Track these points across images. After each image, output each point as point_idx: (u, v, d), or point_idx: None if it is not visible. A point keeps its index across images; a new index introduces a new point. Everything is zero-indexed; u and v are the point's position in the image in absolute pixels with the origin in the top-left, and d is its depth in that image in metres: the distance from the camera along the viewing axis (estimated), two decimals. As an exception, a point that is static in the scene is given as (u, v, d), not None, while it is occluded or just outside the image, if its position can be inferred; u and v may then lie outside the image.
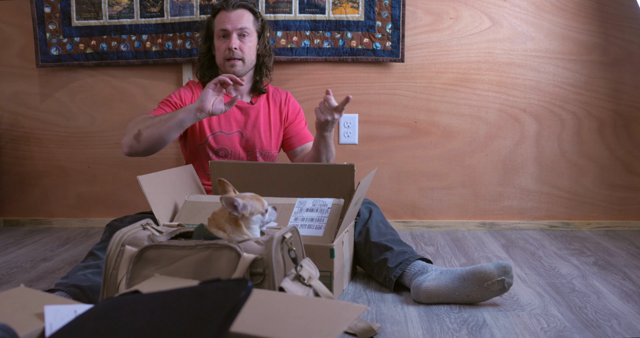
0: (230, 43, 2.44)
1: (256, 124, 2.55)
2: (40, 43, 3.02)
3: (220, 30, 2.48)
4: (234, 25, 2.45)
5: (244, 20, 2.47)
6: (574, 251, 2.60)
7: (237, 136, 2.53)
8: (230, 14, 2.47)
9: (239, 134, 2.53)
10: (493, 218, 3.08)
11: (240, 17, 2.47)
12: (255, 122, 2.55)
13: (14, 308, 1.26)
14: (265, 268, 1.50)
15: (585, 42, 2.95)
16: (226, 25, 2.46)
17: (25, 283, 2.19)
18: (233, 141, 2.53)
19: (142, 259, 1.56)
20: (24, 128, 3.17)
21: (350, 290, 2.08)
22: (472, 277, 1.87)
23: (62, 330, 1.11)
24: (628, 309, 1.86)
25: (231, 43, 2.43)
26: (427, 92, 3.01)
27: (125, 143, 2.26)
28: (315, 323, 1.17)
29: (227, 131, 2.52)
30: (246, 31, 2.47)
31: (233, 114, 2.54)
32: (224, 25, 2.46)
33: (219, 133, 2.51)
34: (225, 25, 2.46)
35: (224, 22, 2.47)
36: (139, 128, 2.23)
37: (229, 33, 2.45)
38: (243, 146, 2.54)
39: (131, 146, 2.25)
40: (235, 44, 2.43)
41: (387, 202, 3.07)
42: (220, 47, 2.48)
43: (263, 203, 1.67)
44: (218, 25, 2.49)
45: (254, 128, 2.54)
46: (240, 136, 2.53)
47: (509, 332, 1.68)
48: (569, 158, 3.02)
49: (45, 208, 3.23)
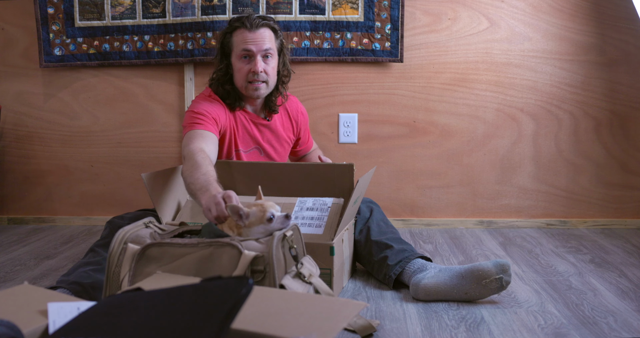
0: (256, 67, 2.30)
1: (272, 140, 2.49)
2: (44, 43, 3.04)
3: (243, 50, 2.32)
4: (258, 46, 2.31)
5: (267, 40, 2.33)
6: (571, 249, 2.61)
7: (256, 153, 2.46)
8: (253, 35, 2.32)
9: (257, 150, 2.46)
10: (491, 217, 3.09)
11: (264, 37, 2.33)
12: (271, 138, 2.49)
13: (17, 306, 1.26)
14: (266, 265, 1.51)
15: (581, 42, 2.96)
16: (250, 46, 2.31)
17: (29, 280, 2.19)
18: (251, 158, 2.45)
19: (144, 257, 1.57)
20: (28, 127, 3.18)
21: (350, 287, 2.09)
22: (470, 275, 1.88)
23: (66, 327, 1.11)
24: (624, 306, 1.88)
25: (257, 67, 2.30)
26: (425, 92, 3.03)
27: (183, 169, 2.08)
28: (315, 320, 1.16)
29: (245, 148, 2.43)
30: (270, 52, 2.34)
31: (251, 131, 2.44)
32: (247, 45, 2.31)
33: (240, 151, 2.42)
34: (248, 46, 2.31)
35: (247, 42, 2.32)
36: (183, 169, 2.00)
37: (253, 54, 2.31)
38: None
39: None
40: (260, 67, 2.30)
41: (386, 201, 3.08)
42: (243, 69, 2.33)
43: (265, 213, 1.63)
44: (239, 45, 2.33)
45: (271, 143, 2.48)
46: (259, 152, 2.47)
47: (507, 329, 1.69)
48: (565, 157, 3.03)
49: (48, 207, 3.24)
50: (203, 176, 1.89)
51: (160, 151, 3.13)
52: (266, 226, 1.64)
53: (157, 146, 3.13)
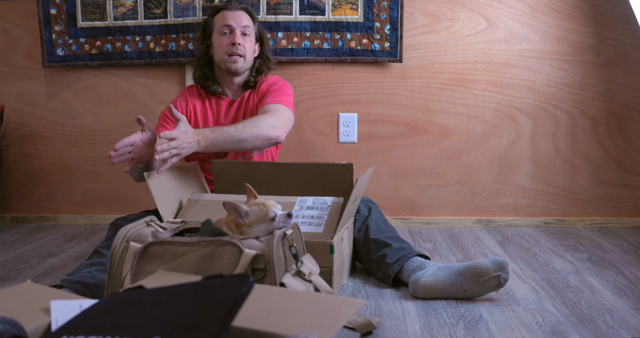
0: (235, 38, 2.44)
1: (241, 116, 2.51)
2: (47, 44, 3.05)
3: (223, 25, 2.48)
4: (238, 22, 2.47)
5: (245, 20, 2.50)
6: (569, 248, 2.61)
7: None
8: (233, 13, 2.49)
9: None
10: (489, 215, 3.10)
11: (242, 16, 2.50)
12: (240, 114, 2.52)
13: (20, 303, 1.27)
14: (266, 264, 1.52)
15: (579, 43, 2.97)
16: (230, 21, 2.47)
17: (31, 278, 2.20)
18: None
19: (146, 255, 1.58)
20: (31, 127, 3.20)
21: (350, 286, 2.09)
22: (468, 273, 1.89)
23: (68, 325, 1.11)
24: (621, 304, 1.88)
25: (235, 38, 2.44)
26: (424, 92, 3.04)
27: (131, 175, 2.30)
28: (315, 317, 1.17)
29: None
30: (248, 30, 2.49)
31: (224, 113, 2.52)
32: (227, 21, 2.47)
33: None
34: (229, 22, 2.47)
35: (228, 18, 2.48)
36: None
37: (232, 29, 2.46)
38: None
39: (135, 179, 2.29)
40: (239, 39, 2.44)
41: (385, 199, 3.09)
42: (223, 43, 2.47)
43: (268, 213, 1.66)
44: (220, 22, 2.49)
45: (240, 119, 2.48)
46: None
47: (505, 327, 1.69)
48: (563, 156, 3.04)
49: (51, 205, 3.26)
50: None
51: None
52: (268, 225, 1.65)
53: (159, 145, 3.14)
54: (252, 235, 1.63)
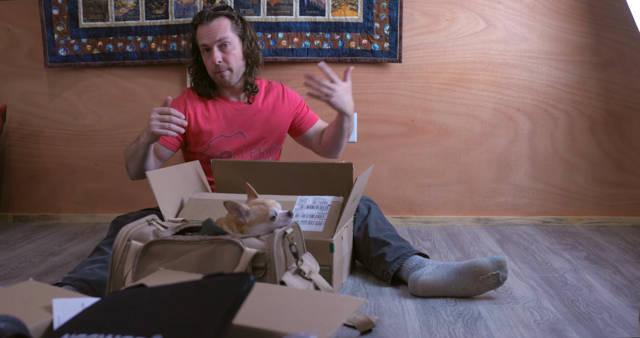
0: (213, 58, 2.42)
1: (257, 122, 2.53)
2: (49, 44, 3.06)
3: (202, 45, 2.46)
4: (212, 38, 2.42)
5: (221, 30, 2.43)
6: (567, 246, 2.62)
7: (240, 137, 2.52)
8: (207, 27, 2.43)
9: (240, 135, 2.52)
10: (488, 214, 3.11)
11: (217, 28, 2.43)
12: (256, 120, 2.54)
13: (23, 302, 1.27)
14: (267, 262, 1.52)
15: (577, 43, 2.98)
16: (205, 40, 2.44)
17: (34, 277, 2.21)
18: (235, 143, 2.52)
19: (147, 253, 1.58)
20: (33, 127, 3.21)
21: (350, 284, 2.10)
22: (467, 271, 1.89)
23: (70, 323, 1.12)
24: (619, 302, 1.89)
25: (214, 58, 2.41)
26: (423, 92, 3.05)
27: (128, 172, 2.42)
28: (315, 315, 1.17)
29: (228, 133, 2.51)
30: (226, 41, 2.43)
31: (232, 116, 2.52)
32: (203, 40, 2.44)
33: (219, 138, 2.50)
34: (204, 41, 2.44)
35: (203, 36, 2.44)
36: (125, 162, 2.38)
37: (209, 47, 2.43)
38: (246, 146, 2.54)
39: (131, 176, 2.42)
40: (218, 57, 2.42)
41: (385, 198, 3.10)
42: (207, 62, 2.47)
43: (268, 212, 1.66)
44: (199, 40, 2.47)
45: (255, 125, 2.53)
46: (243, 136, 2.52)
47: (503, 325, 1.70)
48: (561, 156, 3.05)
49: (53, 204, 3.27)
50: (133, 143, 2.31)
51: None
52: (269, 224, 1.66)
53: (160, 144, 3.15)
54: (253, 233, 1.63)
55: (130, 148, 2.33)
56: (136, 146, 2.27)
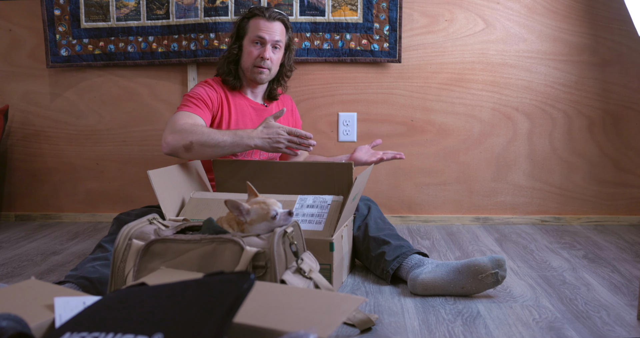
0: (265, 53, 2.43)
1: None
2: (51, 44, 3.07)
3: (256, 36, 2.44)
4: (271, 36, 2.44)
5: (279, 33, 2.47)
6: (565, 245, 2.63)
7: None
8: (270, 24, 2.45)
9: None
10: (487, 213, 3.12)
11: (277, 29, 2.47)
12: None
13: (25, 300, 1.27)
14: (267, 261, 1.53)
15: (575, 43, 2.99)
16: (264, 34, 2.44)
17: (35, 275, 2.20)
18: None
19: (148, 252, 1.59)
20: (35, 126, 3.22)
21: (349, 283, 2.11)
22: (466, 270, 1.90)
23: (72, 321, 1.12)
24: (616, 300, 1.90)
25: (265, 53, 2.43)
26: (423, 92, 3.06)
27: (169, 144, 2.24)
28: (315, 314, 1.18)
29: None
30: (279, 44, 2.48)
31: (249, 114, 2.53)
32: (261, 32, 2.44)
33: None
34: (263, 34, 2.44)
35: (262, 30, 2.44)
36: (191, 140, 2.20)
37: (265, 42, 2.44)
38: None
39: (177, 152, 2.25)
40: (268, 54, 2.44)
41: (384, 197, 3.11)
42: (252, 53, 2.46)
43: (269, 211, 1.67)
44: (254, 31, 2.46)
45: None
46: None
47: (502, 323, 1.70)
48: (559, 155, 3.06)
49: (55, 204, 3.27)
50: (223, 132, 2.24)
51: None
52: (269, 223, 1.66)
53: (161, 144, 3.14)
54: (253, 232, 1.64)
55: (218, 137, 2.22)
56: (235, 141, 2.22)
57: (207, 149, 2.22)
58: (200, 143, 2.20)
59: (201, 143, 2.20)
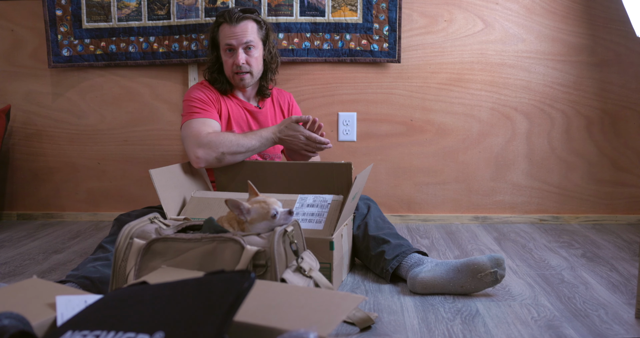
0: (237, 59, 2.43)
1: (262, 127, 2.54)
2: (52, 44, 3.08)
3: (225, 44, 2.46)
4: (239, 40, 2.43)
5: (248, 33, 2.44)
6: (563, 244, 2.64)
7: None
8: (234, 29, 2.44)
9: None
10: (486, 212, 3.12)
11: (245, 30, 2.44)
12: (262, 125, 2.55)
13: (27, 299, 1.27)
14: (267, 260, 1.53)
15: (574, 43, 3.00)
16: (231, 40, 2.44)
17: (37, 274, 2.22)
18: None
19: (149, 251, 1.59)
20: (37, 126, 3.22)
21: (349, 281, 2.11)
22: (466, 269, 1.90)
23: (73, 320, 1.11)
24: (615, 299, 1.91)
25: (238, 59, 2.43)
26: (422, 92, 3.06)
27: (202, 159, 2.30)
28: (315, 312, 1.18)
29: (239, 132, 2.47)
30: (252, 44, 2.46)
31: (244, 119, 2.54)
32: (228, 40, 2.44)
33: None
34: (230, 41, 2.44)
35: (228, 36, 2.44)
36: (222, 151, 2.27)
37: (234, 48, 2.44)
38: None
39: (210, 164, 2.32)
40: (242, 59, 2.43)
41: (384, 197, 3.12)
42: (227, 62, 2.47)
43: (269, 210, 1.68)
44: (223, 40, 2.47)
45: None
46: None
47: (501, 321, 1.71)
48: (558, 155, 3.06)
49: (56, 203, 3.28)
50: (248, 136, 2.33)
51: (165, 148, 3.18)
52: (269, 222, 1.67)
53: (162, 144, 3.17)
54: (254, 231, 1.65)
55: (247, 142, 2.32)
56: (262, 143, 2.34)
57: (238, 156, 2.31)
58: (231, 153, 2.29)
59: (232, 152, 2.29)
